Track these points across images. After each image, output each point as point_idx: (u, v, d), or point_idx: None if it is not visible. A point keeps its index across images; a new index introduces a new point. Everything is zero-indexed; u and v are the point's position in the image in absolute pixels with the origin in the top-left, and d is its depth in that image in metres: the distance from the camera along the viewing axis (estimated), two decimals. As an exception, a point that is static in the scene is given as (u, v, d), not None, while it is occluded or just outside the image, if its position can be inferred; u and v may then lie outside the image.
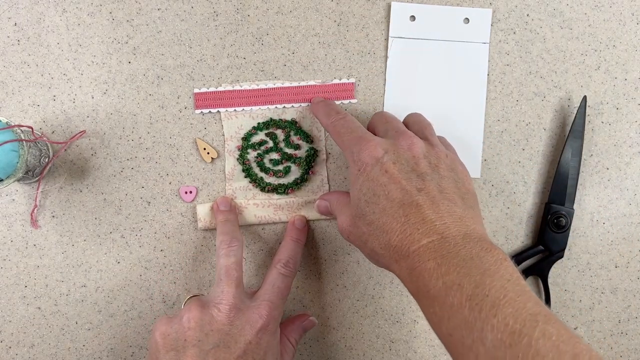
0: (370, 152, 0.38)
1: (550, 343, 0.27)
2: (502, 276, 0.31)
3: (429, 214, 0.34)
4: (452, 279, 0.31)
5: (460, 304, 0.30)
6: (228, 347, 0.37)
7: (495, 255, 0.32)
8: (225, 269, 0.41)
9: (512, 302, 0.29)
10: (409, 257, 0.34)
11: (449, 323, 0.31)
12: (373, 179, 0.37)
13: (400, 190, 0.36)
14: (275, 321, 0.40)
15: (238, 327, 0.38)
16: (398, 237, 0.35)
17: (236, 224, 0.45)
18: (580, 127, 0.46)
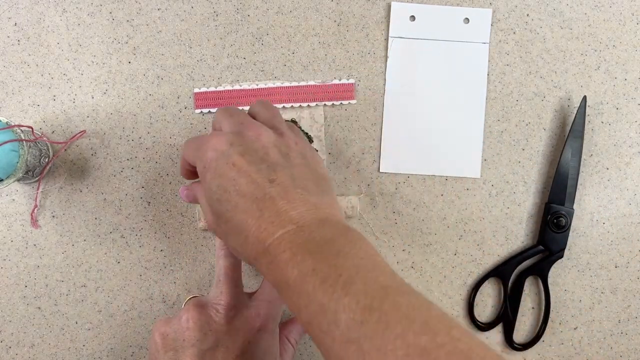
0: (214, 145, 0.35)
1: (400, 314, 0.27)
2: (356, 254, 0.31)
3: (282, 205, 0.33)
4: (307, 266, 0.30)
5: (314, 289, 0.30)
6: (226, 347, 0.37)
7: (349, 237, 0.32)
8: (224, 269, 0.41)
9: (363, 278, 0.29)
10: (266, 251, 0.33)
11: (306, 310, 0.30)
12: (221, 174, 0.34)
13: (251, 183, 0.34)
14: (274, 321, 0.40)
15: (236, 327, 0.38)
16: (254, 233, 0.33)
17: None
18: (580, 127, 0.46)
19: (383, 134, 0.48)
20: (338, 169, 0.48)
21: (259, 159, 0.34)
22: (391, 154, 0.48)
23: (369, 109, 0.48)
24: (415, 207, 0.48)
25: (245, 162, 0.34)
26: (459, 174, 0.48)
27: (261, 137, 0.35)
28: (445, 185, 0.48)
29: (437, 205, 0.48)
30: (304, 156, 0.37)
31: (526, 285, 0.48)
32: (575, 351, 0.49)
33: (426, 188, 0.48)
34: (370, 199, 0.48)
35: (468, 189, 0.48)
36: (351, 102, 0.48)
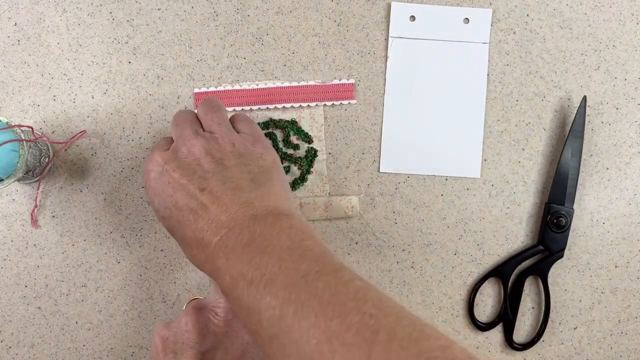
0: (152, 166, 0.37)
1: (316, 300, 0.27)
2: (282, 246, 0.30)
3: (214, 211, 0.34)
4: (237, 271, 0.31)
5: (242, 293, 0.30)
6: (225, 349, 0.38)
7: (278, 227, 0.32)
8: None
9: (285, 270, 0.29)
10: (207, 261, 0.33)
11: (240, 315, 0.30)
12: (160, 193, 0.36)
13: (185, 195, 0.35)
14: None
15: (235, 329, 0.39)
16: (195, 244, 0.34)
17: None
18: (580, 127, 0.46)
19: (383, 134, 0.48)
20: (338, 169, 0.48)
21: (191, 172, 0.35)
22: (391, 154, 0.48)
23: (369, 109, 0.48)
24: (415, 207, 0.48)
25: (178, 176, 0.35)
26: (459, 174, 0.48)
27: (193, 149, 0.36)
28: (445, 185, 0.48)
29: (437, 205, 0.48)
30: (241, 154, 0.37)
31: (526, 285, 0.48)
32: (575, 351, 0.49)
33: (426, 188, 0.48)
34: (370, 199, 0.48)
35: (468, 189, 0.48)
36: (351, 102, 0.48)
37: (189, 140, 0.37)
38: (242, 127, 0.40)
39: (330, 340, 0.26)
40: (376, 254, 0.48)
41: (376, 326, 0.25)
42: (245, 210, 0.34)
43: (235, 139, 0.38)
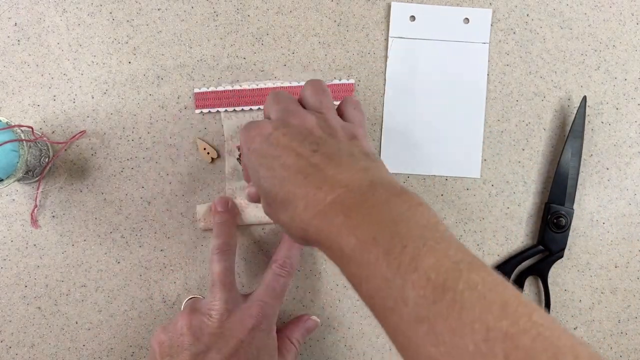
0: (260, 130, 0.35)
1: (477, 294, 0.25)
2: (418, 222, 0.28)
3: (329, 170, 0.32)
4: (365, 232, 0.28)
5: (377, 260, 0.27)
6: (218, 349, 0.38)
7: (407, 200, 0.30)
8: (217, 275, 0.42)
9: (432, 251, 0.27)
10: (316, 218, 0.31)
11: (368, 284, 0.28)
12: (265, 155, 0.34)
13: (294, 155, 0.33)
14: (269, 320, 0.41)
15: (228, 328, 0.39)
16: (303, 202, 0.31)
17: (232, 226, 0.45)
18: (580, 127, 0.46)
19: (383, 134, 0.48)
20: (338, 169, 0.48)
21: (302, 137, 0.34)
22: (391, 154, 0.48)
23: (369, 109, 0.48)
24: (415, 207, 0.48)
25: (288, 139, 0.33)
26: (459, 174, 0.48)
27: (305, 122, 0.35)
28: (445, 185, 0.48)
29: (437, 205, 0.48)
30: (350, 136, 0.35)
31: (526, 285, 0.48)
32: (575, 351, 0.49)
33: (426, 188, 0.48)
34: (370, 199, 0.48)
35: (468, 189, 0.48)
36: (351, 102, 0.48)
37: (299, 114, 0.35)
38: (352, 114, 0.38)
39: (504, 340, 0.23)
40: (376, 254, 0.48)
41: (554, 339, 0.23)
42: (364, 174, 0.31)
43: (344, 125, 0.36)
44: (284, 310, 0.48)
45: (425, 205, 0.30)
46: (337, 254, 0.30)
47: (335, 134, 0.34)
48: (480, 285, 0.25)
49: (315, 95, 0.37)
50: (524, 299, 0.25)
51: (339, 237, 0.29)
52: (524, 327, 0.23)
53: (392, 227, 0.28)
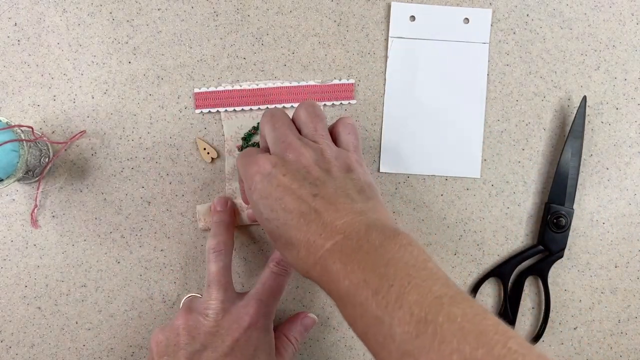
0: (259, 169, 0.36)
1: (455, 325, 0.26)
2: (407, 262, 0.30)
3: (328, 217, 0.34)
4: (358, 276, 0.31)
5: (367, 300, 0.30)
6: (214, 348, 0.39)
7: (399, 242, 0.32)
8: (213, 274, 0.42)
9: (416, 288, 0.28)
10: (317, 264, 0.33)
11: (361, 322, 0.30)
12: (267, 196, 0.36)
13: (296, 199, 0.35)
14: (265, 318, 0.41)
15: (225, 327, 0.40)
16: (304, 247, 0.34)
17: (230, 226, 0.45)
18: (580, 127, 0.46)
19: (383, 134, 0.48)
20: (338, 169, 0.48)
21: (301, 177, 0.35)
22: (391, 154, 0.48)
23: (369, 109, 0.48)
24: (415, 207, 0.48)
25: (288, 181, 0.35)
26: (459, 174, 0.48)
27: (301, 158, 0.36)
28: (445, 185, 0.48)
29: (437, 205, 0.48)
30: (346, 169, 0.37)
31: (526, 285, 0.48)
32: (575, 351, 0.49)
33: (426, 188, 0.48)
34: (370, 199, 0.48)
35: (468, 189, 0.48)
36: (351, 102, 0.48)
37: (295, 148, 0.37)
38: (346, 140, 0.40)
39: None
40: (376, 254, 0.48)
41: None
42: (360, 219, 0.33)
43: (338, 154, 0.38)
44: (283, 310, 0.48)
45: (415, 245, 0.32)
46: (335, 295, 0.32)
47: (330, 170, 0.36)
48: (460, 317, 0.27)
49: (310, 122, 0.39)
50: (503, 327, 0.27)
51: (336, 282, 0.32)
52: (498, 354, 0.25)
53: (382, 269, 0.30)
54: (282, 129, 0.38)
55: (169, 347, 0.39)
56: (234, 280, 0.47)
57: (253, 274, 0.48)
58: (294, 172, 0.36)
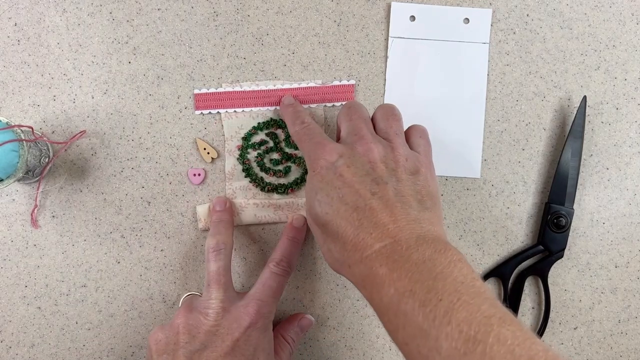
0: (326, 156, 0.37)
1: (505, 348, 0.26)
2: (456, 278, 0.30)
3: (382, 218, 0.34)
4: (404, 285, 0.30)
5: (413, 311, 0.29)
6: (215, 346, 0.39)
7: (448, 257, 0.32)
8: (213, 274, 0.42)
9: (465, 305, 0.28)
10: (362, 262, 0.33)
11: (404, 331, 0.30)
12: (327, 182, 0.36)
13: (353, 193, 0.35)
14: (265, 318, 0.41)
15: (225, 326, 0.40)
16: (351, 241, 0.34)
17: (229, 225, 0.45)
18: (580, 127, 0.46)
19: (383, 134, 0.48)
20: (338, 169, 0.48)
21: (364, 172, 0.36)
22: (391, 154, 0.48)
23: (369, 109, 0.48)
24: (415, 207, 0.48)
25: (350, 173, 0.36)
26: (459, 174, 0.48)
27: (369, 153, 0.37)
28: (445, 185, 0.48)
29: (437, 205, 0.48)
30: (413, 172, 0.37)
31: (526, 285, 0.48)
32: (575, 351, 0.49)
33: (426, 188, 0.48)
34: (370, 199, 0.48)
35: (468, 189, 0.48)
36: (351, 102, 0.48)
37: (366, 142, 0.37)
38: (418, 143, 0.40)
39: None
40: (376, 254, 0.48)
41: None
42: (413, 227, 0.34)
43: (409, 155, 0.38)
44: (283, 310, 0.48)
45: (464, 262, 0.32)
46: (376, 300, 0.32)
47: (397, 170, 0.36)
48: (510, 339, 0.27)
49: (385, 120, 0.40)
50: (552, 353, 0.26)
51: (380, 287, 0.32)
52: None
53: (430, 282, 0.30)
54: (357, 122, 0.39)
55: (169, 346, 0.39)
56: (234, 280, 0.47)
57: (253, 274, 0.48)
58: (358, 165, 0.36)
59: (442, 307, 0.29)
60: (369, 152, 0.37)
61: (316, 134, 0.40)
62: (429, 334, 0.28)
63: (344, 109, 0.41)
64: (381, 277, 0.32)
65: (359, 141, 0.37)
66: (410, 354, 0.30)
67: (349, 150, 0.37)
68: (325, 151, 0.37)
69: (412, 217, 0.34)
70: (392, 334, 0.31)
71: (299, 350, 0.49)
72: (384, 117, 0.40)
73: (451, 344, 0.27)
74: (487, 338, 0.27)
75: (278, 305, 0.48)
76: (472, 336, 0.27)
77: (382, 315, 0.32)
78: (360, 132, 0.38)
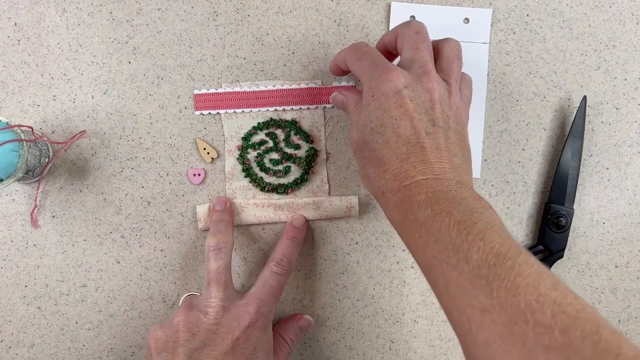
0: (391, 81, 0.37)
1: (532, 269, 0.28)
2: (488, 218, 0.32)
3: (430, 157, 0.35)
4: (442, 208, 0.32)
5: (448, 227, 0.31)
6: (215, 345, 0.39)
7: (483, 204, 0.33)
8: (213, 272, 0.42)
9: (499, 232, 0.31)
10: (399, 191, 0.35)
11: (435, 245, 0.32)
12: (385, 109, 0.36)
13: (410, 127, 0.36)
14: (265, 318, 0.41)
15: (225, 325, 0.40)
16: (394, 171, 0.35)
17: (229, 225, 0.45)
18: (580, 127, 0.46)
19: (383, 134, 0.48)
20: (338, 168, 0.48)
21: (424, 110, 0.36)
22: (391, 154, 0.48)
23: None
24: (415, 207, 0.48)
25: (412, 107, 0.36)
26: (459, 174, 0.48)
27: (432, 92, 0.37)
28: (445, 185, 0.48)
29: (437, 205, 0.48)
30: (459, 122, 0.38)
31: (526, 285, 0.48)
32: (575, 351, 0.49)
33: (426, 188, 0.48)
34: (370, 198, 0.48)
35: (468, 189, 0.48)
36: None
37: (431, 79, 0.37)
38: (464, 93, 0.41)
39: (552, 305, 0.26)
40: (376, 254, 0.48)
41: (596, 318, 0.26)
42: (455, 173, 0.36)
43: (460, 105, 0.39)
44: (283, 310, 0.48)
45: (494, 211, 0.34)
46: (408, 220, 0.34)
47: (449, 117, 0.37)
48: (536, 265, 0.29)
49: (450, 61, 0.39)
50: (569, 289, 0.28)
51: (417, 209, 0.34)
52: (571, 301, 0.26)
53: (467, 211, 0.32)
54: (424, 53, 0.38)
55: (168, 344, 0.39)
56: (234, 280, 0.47)
57: (253, 273, 0.48)
58: (420, 101, 0.36)
59: (476, 228, 0.31)
60: (432, 91, 0.37)
61: (378, 56, 0.39)
62: (460, 247, 0.30)
63: (409, 30, 0.39)
64: (419, 202, 0.33)
65: (425, 76, 0.37)
66: (437, 264, 0.31)
67: (414, 82, 0.37)
68: (391, 75, 0.37)
69: (455, 165, 0.36)
70: (419, 249, 0.33)
71: (299, 350, 0.49)
72: (450, 57, 0.40)
73: (481, 256, 0.29)
74: (516, 257, 0.29)
75: (278, 305, 0.48)
76: (502, 253, 0.29)
77: (412, 233, 0.34)
78: (427, 67, 0.38)
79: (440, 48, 0.40)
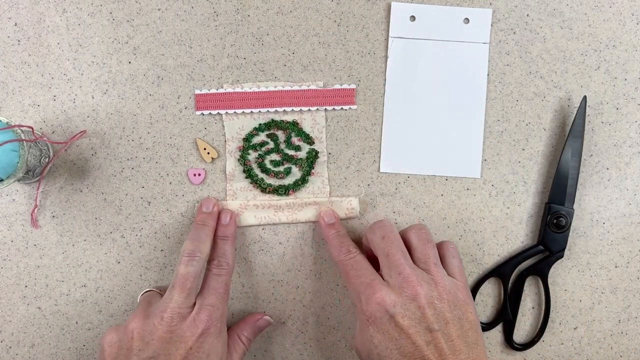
0: (379, 303, 0.39)
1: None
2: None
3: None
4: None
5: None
6: (168, 355, 0.39)
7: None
8: (181, 277, 0.41)
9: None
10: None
11: None
12: (385, 332, 0.38)
13: (411, 344, 0.38)
14: (218, 322, 0.41)
15: (178, 334, 0.40)
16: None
17: (210, 233, 0.44)
18: (580, 127, 0.46)
19: (383, 134, 0.48)
20: (338, 169, 0.48)
21: (417, 321, 0.38)
22: (391, 154, 0.48)
23: (369, 109, 0.48)
24: (415, 207, 0.48)
25: (407, 324, 0.38)
26: (459, 174, 0.48)
27: (417, 298, 0.39)
28: (445, 185, 0.48)
29: (437, 205, 0.48)
30: (455, 305, 0.39)
31: (526, 285, 0.48)
32: (575, 351, 0.49)
33: (426, 188, 0.48)
34: (370, 199, 0.48)
35: (468, 189, 0.48)
36: (352, 107, 0.47)
37: (412, 285, 0.39)
38: (452, 264, 0.43)
39: None
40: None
41: None
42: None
43: (450, 286, 0.40)
44: (283, 310, 0.48)
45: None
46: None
47: (443, 312, 0.39)
48: None
49: (422, 247, 0.42)
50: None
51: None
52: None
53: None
54: (396, 256, 0.40)
55: (122, 350, 0.39)
56: (233, 280, 0.48)
57: (253, 273, 0.48)
58: (411, 314, 0.38)
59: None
60: (417, 297, 0.38)
61: (364, 270, 0.41)
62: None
63: (375, 236, 0.42)
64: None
65: (405, 283, 0.39)
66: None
67: (400, 297, 0.39)
68: (377, 297, 0.39)
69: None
70: None
71: (299, 350, 0.49)
72: (420, 243, 0.42)
73: None
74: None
75: (278, 305, 0.48)
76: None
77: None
78: (404, 272, 0.39)
79: (408, 238, 0.43)
